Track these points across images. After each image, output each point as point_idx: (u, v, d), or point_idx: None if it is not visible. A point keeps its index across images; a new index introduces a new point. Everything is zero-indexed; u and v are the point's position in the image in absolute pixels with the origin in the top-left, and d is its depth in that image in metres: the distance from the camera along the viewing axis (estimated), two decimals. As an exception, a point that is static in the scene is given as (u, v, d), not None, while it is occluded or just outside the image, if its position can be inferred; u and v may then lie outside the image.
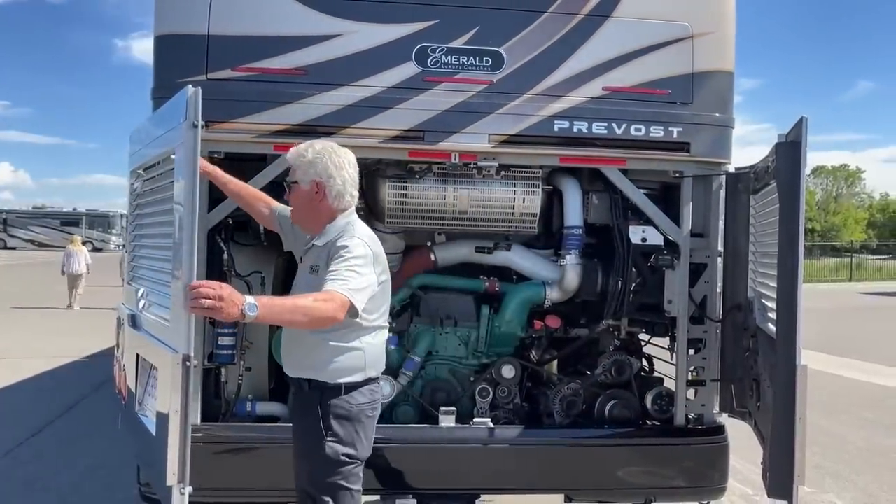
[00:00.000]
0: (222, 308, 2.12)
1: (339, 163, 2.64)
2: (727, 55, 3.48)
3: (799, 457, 2.34)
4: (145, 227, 2.87)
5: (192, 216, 2.18)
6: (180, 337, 2.15)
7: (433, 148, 3.26)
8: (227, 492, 3.09)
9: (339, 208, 2.66)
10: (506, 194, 3.50)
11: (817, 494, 5.17)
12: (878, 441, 6.68)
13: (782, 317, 2.48)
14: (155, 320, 2.59)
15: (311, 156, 2.64)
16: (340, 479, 2.57)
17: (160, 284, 2.63)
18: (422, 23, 3.25)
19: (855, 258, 38.35)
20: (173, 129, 2.37)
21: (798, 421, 2.33)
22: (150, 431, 2.52)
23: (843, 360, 11.23)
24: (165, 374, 2.24)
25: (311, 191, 2.63)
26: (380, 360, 2.74)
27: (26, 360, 9.59)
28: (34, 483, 5.08)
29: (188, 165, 2.16)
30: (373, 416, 2.70)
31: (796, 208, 2.41)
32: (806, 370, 2.39)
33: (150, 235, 2.74)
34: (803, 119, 2.48)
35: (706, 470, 3.42)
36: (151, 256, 2.80)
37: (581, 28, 3.33)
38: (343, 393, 2.60)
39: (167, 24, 3.22)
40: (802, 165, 2.44)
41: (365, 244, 2.59)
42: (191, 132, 2.16)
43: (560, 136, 3.31)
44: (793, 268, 2.40)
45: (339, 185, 2.63)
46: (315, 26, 3.20)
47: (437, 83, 3.24)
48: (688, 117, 3.37)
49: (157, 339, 2.42)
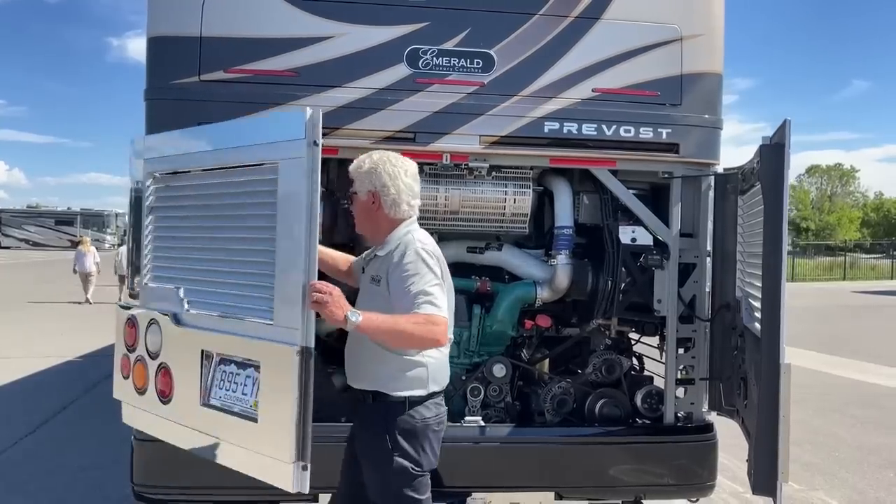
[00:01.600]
0: (329, 304, 2.32)
1: (393, 172, 2.64)
2: (716, 57, 3.51)
3: (783, 454, 2.37)
4: (199, 229, 2.85)
5: (313, 223, 2.37)
6: (295, 331, 2.36)
7: (424, 149, 3.29)
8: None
9: (396, 217, 2.67)
10: (497, 195, 3.52)
11: (807, 492, 5.22)
12: (869, 439, 6.73)
13: (766, 316, 2.51)
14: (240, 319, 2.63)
15: (368, 166, 2.67)
16: (409, 491, 2.60)
17: (236, 286, 2.67)
18: (413, 25, 3.27)
19: (849, 257, 38.58)
20: (281, 144, 2.46)
21: (782, 419, 2.36)
22: (228, 419, 2.61)
23: (835, 359, 11.31)
24: (277, 365, 2.41)
25: (368, 201, 2.66)
26: (443, 374, 2.73)
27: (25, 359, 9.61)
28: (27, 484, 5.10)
29: (308, 178, 2.36)
30: (438, 429, 2.69)
31: (780, 209, 2.44)
32: (790, 368, 2.42)
33: (218, 238, 2.76)
34: (787, 122, 2.51)
35: (695, 467, 3.46)
36: (214, 258, 2.79)
37: (571, 30, 3.36)
38: (407, 408, 2.60)
39: (160, 26, 3.23)
40: (786, 167, 2.47)
41: (428, 253, 2.58)
42: (311, 149, 2.36)
43: (550, 138, 3.34)
44: (776, 267, 2.43)
45: (394, 193, 2.63)
46: (307, 28, 3.23)
47: (428, 85, 3.27)
48: (677, 119, 3.40)
49: (251, 336, 2.54)
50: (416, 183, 2.71)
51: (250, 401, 2.53)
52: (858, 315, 18.56)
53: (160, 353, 2.87)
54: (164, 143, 3.03)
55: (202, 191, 2.86)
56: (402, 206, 2.66)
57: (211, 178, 2.80)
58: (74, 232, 43.31)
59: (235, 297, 2.67)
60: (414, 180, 2.71)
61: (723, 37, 3.55)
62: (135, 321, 3.02)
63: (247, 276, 2.62)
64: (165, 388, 2.85)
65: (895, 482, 5.49)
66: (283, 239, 2.44)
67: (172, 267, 2.95)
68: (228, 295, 2.70)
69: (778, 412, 2.37)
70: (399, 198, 2.64)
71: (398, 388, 2.60)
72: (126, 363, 3.06)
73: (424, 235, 2.71)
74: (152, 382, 2.91)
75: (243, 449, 2.55)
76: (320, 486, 3.14)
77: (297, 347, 2.34)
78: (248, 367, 2.57)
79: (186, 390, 2.76)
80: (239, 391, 2.60)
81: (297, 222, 2.39)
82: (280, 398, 2.36)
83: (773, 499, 2.43)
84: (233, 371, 2.63)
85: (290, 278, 2.41)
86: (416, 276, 2.49)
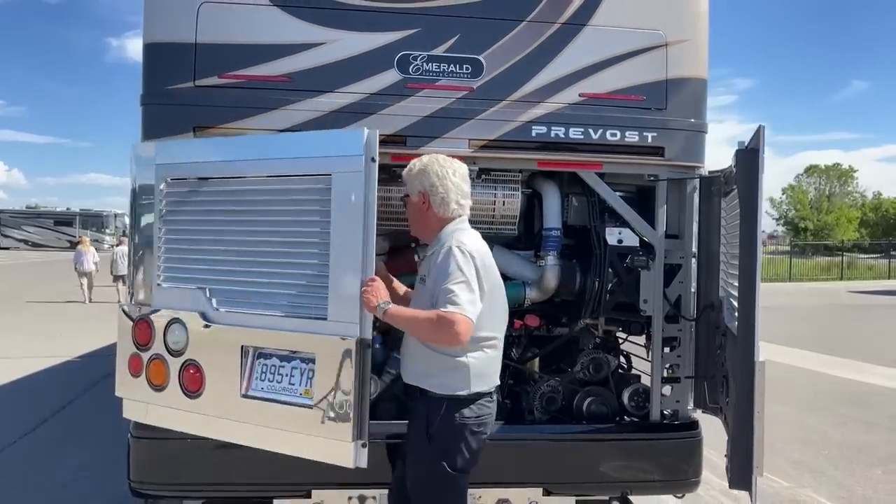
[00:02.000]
0: (367, 292, 2.58)
1: (441, 172, 2.79)
2: (700, 62, 3.58)
3: (758, 449, 2.44)
4: (231, 233, 3.00)
5: (370, 228, 2.69)
6: (353, 325, 2.67)
7: (415, 152, 3.34)
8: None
9: (445, 216, 2.79)
10: (486, 197, 3.60)
11: (795, 489, 5.30)
12: (858, 437, 6.81)
13: (742, 314, 2.59)
14: (288, 316, 2.85)
15: (418, 168, 2.82)
16: (442, 490, 2.70)
17: (281, 286, 2.89)
18: (403, 31, 3.34)
19: (846, 257, 38.61)
20: (337, 158, 2.77)
21: (756, 415, 2.44)
22: (275, 407, 2.84)
23: (827, 358, 11.39)
24: (334, 356, 2.68)
25: (419, 201, 2.81)
26: (488, 375, 2.78)
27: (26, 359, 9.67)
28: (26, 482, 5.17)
29: (367, 187, 2.69)
30: (479, 430, 2.75)
31: (754, 212, 2.52)
32: (764, 366, 2.50)
33: (259, 242, 2.94)
34: (761, 128, 2.59)
35: (681, 464, 3.52)
36: (253, 260, 2.95)
37: (558, 36, 3.43)
38: (447, 407, 2.69)
39: (156, 33, 3.30)
40: (760, 171, 2.54)
41: (462, 252, 2.64)
42: (369, 164, 2.70)
43: (538, 141, 3.41)
44: (751, 268, 2.51)
45: (443, 192, 2.77)
46: (299, 35, 3.29)
47: (418, 90, 3.33)
48: (662, 122, 3.47)
49: (305, 331, 2.78)
50: (464, 183, 2.85)
51: (299, 389, 2.78)
52: (853, 315, 18.66)
53: (185, 351, 3.02)
54: (182, 149, 3.16)
55: (235, 196, 3.01)
56: (451, 205, 2.79)
57: (248, 185, 2.98)
58: (73, 232, 43.39)
59: (280, 295, 2.86)
60: (462, 180, 2.85)
61: (707, 42, 3.61)
62: (149, 321, 3.12)
63: (296, 276, 2.83)
64: (194, 384, 3.01)
65: (883, 480, 5.56)
66: (340, 243, 2.72)
67: (196, 269, 3.08)
68: (271, 294, 2.89)
69: (753, 408, 2.44)
70: (448, 196, 2.78)
71: (439, 388, 2.70)
72: (137, 362, 3.16)
73: (469, 235, 2.81)
74: (175, 379, 3.04)
75: (295, 433, 2.76)
76: (312, 482, 3.26)
77: (356, 339, 2.64)
78: (294, 360, 2.81)
79: (221, 384, 2.94)
80: (285, 382, 2.84)
81: (355, 227, 2.68)
82: (339, 386, 2.65)
83: (749, 492, 2.50)
84: (275, 364, 2.87)
85: (346, 278, 2.69)
86: (444, 274, 2.60)
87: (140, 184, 3.34)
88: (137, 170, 3.34)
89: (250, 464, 3.18)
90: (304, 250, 2.83)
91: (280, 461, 3.12)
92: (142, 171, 3.30)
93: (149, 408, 3.13)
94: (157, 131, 3.23)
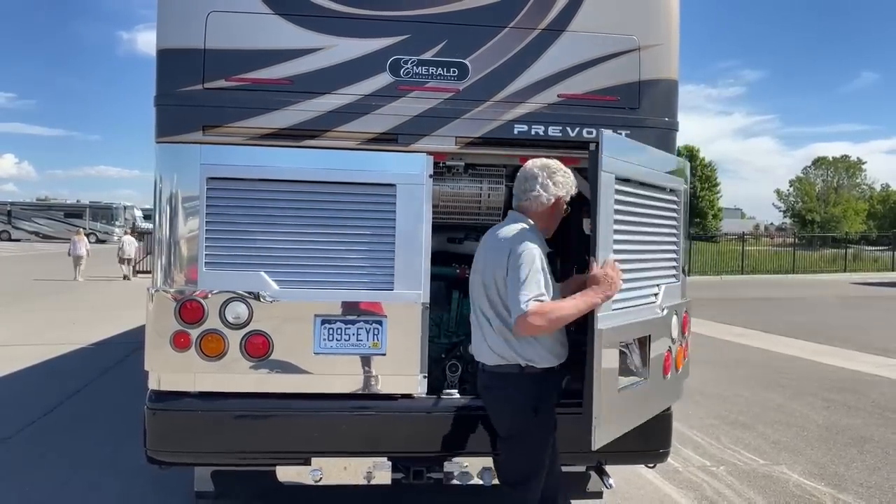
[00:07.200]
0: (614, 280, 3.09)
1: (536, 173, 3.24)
2: (672, 65, 3.85)
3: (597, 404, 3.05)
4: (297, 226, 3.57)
5: (428, 224, 3.57)
6: (419, 293, 3.57)
7: (406, 149, 3.64)
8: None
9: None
10: (473, 190, 3.89)
11: (770, 466, 5.57)
12: (838, 420, 7.06)
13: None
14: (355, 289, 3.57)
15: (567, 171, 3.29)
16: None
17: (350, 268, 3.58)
18: (395, 37, 3.62)
19: (852, 249, 38.62)
20: (402, 174, 3.58)
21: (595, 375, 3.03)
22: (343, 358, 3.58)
23: (821, 347, 11.64)
24: (403, 317, 3.57)
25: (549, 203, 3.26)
26: (544, 351, 3.11)
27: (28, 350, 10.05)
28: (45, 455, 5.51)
29: (425, 195, 3.57)
30: (537, 405, 3.13)
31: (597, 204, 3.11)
32: (602, 333, 3.05)
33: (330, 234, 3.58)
34: (601, 132, 3.15)
35: (651, 436, 3.82)
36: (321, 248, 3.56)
37: (538, 41, 3.70)
38: (502, 380, 3.11)
39: (168, 40, 3.59)
40: (600, 169, 3.08)
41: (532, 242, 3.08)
42: (429, 180, 3.58)
43: (520, 139, 3.69)
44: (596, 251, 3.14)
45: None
46: (300, 41, 3.58)
47: (408, 91, 3.62)
48: (635, 121, 3.75)
49: (376, 299, 3.58)
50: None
51: (367, 343, 3.56)
52: (853, 305, 18.86)
53: (250, 323, 3.51)
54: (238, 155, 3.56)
55: (295, 197, 3.53)
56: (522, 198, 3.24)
57: (309, 189, 3.53)
58: (84, 224, 43.86)
59: (343, 274, 3.54)
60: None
61: (678, 46, 3.88)
62: (199, 301, 3.50)
63: (361, 259, 3.55)
64: (260, 349, 3.51)
65: (857, 458, 5.81)
66: (405, 234, 3.53)
67: (249, 255, 3.53)
68: (334, 273, 3.53)
69: (593, 370, 3.01)
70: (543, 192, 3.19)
71: (494, 362, 3.14)
72: (184, 337, 3.50)
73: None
74: (237, 347, 3.50)
75: (366, 376, 3.58)
76: (312, 450, 3.57)
77: (420, 304, 3.55)
78: (359, 322, 3.56)
79: (290, 346, 3.53)
80: (352, 339, 3.57)
81: (418, 224, 3.55)
82: (408, 337, 3.55)
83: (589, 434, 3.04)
84: (340, 327, 3.57)
85: (412, 260, 3.55)
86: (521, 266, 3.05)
87: (178, 184, 3.56)
88: (170, 171, 3.58)
89: (256, 434, 3.51)
90: (370, 240, 3.53)
91: (283, 432, 3.46)
92: (181, 172, 3.55)
93: (196, 376, 3.53)
94: (170, 130, 3.53)
